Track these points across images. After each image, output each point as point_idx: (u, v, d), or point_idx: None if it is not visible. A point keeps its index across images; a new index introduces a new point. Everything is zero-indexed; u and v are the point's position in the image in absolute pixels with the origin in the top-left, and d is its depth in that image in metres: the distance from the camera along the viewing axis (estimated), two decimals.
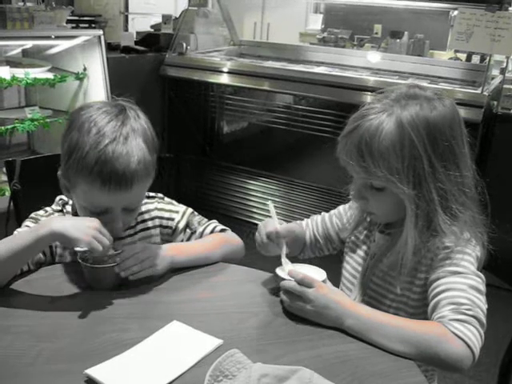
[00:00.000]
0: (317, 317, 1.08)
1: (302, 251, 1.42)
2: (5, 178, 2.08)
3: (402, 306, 1.19)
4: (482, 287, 1.07)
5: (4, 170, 1.60)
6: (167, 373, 0.93)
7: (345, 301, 1.09)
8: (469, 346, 0.98)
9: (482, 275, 1.09)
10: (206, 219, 1.43)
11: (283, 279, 1.13)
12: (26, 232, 1.17)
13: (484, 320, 1.03)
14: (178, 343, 1.02)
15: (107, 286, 1.19)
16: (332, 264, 1.36)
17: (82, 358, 0.96)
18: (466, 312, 1.02)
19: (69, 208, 1.35)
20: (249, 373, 0.89)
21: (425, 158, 1.09)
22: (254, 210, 3.62)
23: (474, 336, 0.99)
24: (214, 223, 1.42)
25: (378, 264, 1.23)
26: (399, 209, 1.14)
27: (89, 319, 1.09)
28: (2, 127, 2.76)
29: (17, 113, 3.02)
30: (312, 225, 1.43)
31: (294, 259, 1.25)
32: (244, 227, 3.10)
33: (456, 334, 0.99)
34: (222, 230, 1.41)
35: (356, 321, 1.05)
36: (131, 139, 1.19)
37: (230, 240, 1.39)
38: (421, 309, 1.17)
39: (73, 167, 1.19)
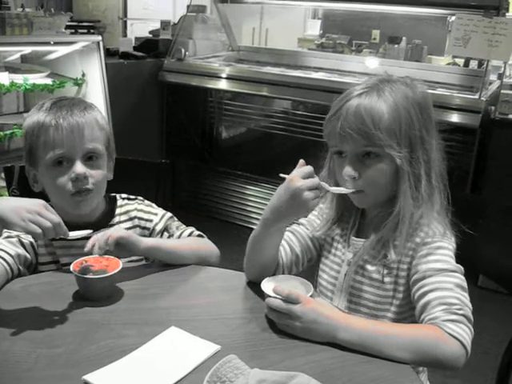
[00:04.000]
0: (307, 333, 1.05)
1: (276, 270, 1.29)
2: (3, 183, 2.08)
3: (387, 307, 1.19)
4: (465, 283, 1.10)
5: (3, 175, 1.60)
6: (165, 378, 0.93)
7: (335, 314, 1.06)
8: (463, 344, 1.01)
9: (461, 267, 1.12)
10: (184, 225, 1.44)
11: (269, 296, 1.09)
12: None
13: (472, 317, 1.06)
14: (176, 349, 1.02)
15: (99, 297, 1.17)
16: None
17: (79, 364, 0.96)
18: (458, 312, 1.04)
19: None
20: (246, 379, 0.89)
21: (416, 124, 1.14)
22: (253, 215, 3.61)
23: (466, 334, 1.02)
24: (192, 228, 1.43)
25: (357, 268, 1.22)
26: (391, 180, 1.16)
27: (86, 325, 1.08)
28: (1, 133, 2.76)
29: (16, 118, 3.02)
30: (286, 241, 1.30)
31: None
32: (242, 233, 3.09)
33: (451, 335, 1.01)
34: (200, 236, 1.42)
35: (349, 334, 1.03)
36: (78, 100, 1.36)
37: (207, 244, 1.40)
38: (406, 306, 1.18)
39: (31, 134, 1.30)
